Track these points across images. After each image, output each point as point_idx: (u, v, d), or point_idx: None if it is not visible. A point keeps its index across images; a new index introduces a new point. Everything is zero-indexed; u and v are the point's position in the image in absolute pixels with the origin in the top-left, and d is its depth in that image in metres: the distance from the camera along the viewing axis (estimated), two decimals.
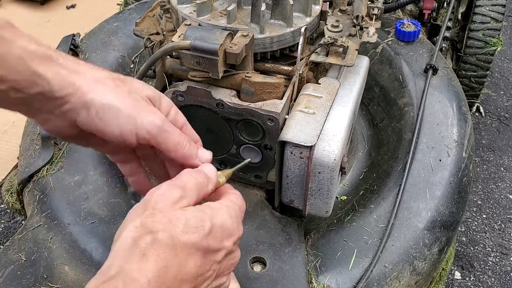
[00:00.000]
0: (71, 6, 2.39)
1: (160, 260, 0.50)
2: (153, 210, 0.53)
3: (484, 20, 1.60)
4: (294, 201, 0.83)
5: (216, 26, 0.81)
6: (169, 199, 0.55)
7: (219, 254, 0.56)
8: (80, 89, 0.55)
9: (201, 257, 0.54)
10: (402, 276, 0.87)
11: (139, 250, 0.50)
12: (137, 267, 0.49)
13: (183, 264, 0.52)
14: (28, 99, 0.54)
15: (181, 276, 0.52)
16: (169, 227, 0.52)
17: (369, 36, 0.88)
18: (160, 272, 0.50)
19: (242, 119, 0.80)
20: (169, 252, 0.51)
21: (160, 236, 0.51)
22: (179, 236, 0.52)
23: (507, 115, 2.03)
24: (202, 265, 0.54)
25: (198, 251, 0.53)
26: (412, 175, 0.96)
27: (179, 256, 0.51)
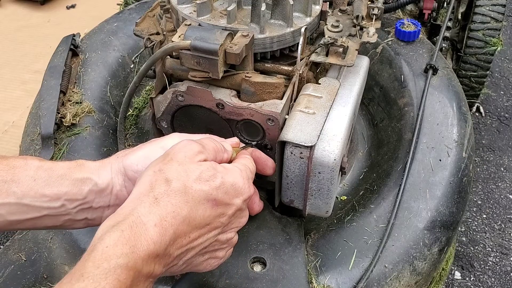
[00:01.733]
0: (71, 6, 2.39)
1: (170, 205, 0.54)
2: (171, 160, 0.58)
3: (484, 20, 1.60)
4: (294, 201, 0.83)
5: (216, 26, 0.81)
6: (188, 151, 0.60)
7: (229, 209, 0.60)
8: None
9: (210, 208, 0.58)
10: (402, 276, 0.87)
11: (153, 194, 0.54)
12: (147, 211, 0.53)
13: (192, 211, 0.56)
14: (83, 203, 0.63)
15: (189, 222, 0.55)
16: (184, 176, 0.56)
17: (369, 36, 0.88)
18: (168, 217, 0.54)
19: (242, 119, 0.80)
20: (180, 198, 0.55)
21: (174, 183, 0.55)
22: (191, 185, 0.56)
23: (507, 115, 2.03)
24: (211, 215, 0.58)
25: (208, 201, 0.57)
26: (412, 175, 0.96)
27: (189, 203, 0.55)
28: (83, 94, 1.10)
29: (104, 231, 0.51)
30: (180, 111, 0.85)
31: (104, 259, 0.48)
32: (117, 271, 0.48)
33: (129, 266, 0.49)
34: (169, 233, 0.53)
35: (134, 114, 1.18)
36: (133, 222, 0.52)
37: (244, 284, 0.79)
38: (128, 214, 0.53)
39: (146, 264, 0.51)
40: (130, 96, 0.86)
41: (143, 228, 0.52)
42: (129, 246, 0.50)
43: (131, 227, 0.51)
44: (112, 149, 1.05)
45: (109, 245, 0.49)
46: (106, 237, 0.50)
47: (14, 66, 1.99)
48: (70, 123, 1.04)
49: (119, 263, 0.48)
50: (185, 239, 0.56)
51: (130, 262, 0.49)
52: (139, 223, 0.52)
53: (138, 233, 0.51)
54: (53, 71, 1.10)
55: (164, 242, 0.52)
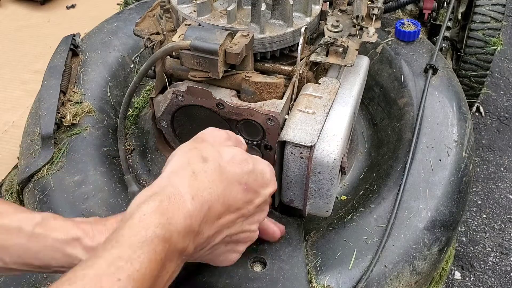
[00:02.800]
0: (71, 6, 2.39)
1: (207, 181, 0.54)
2: (204, 141, 0.60)
3: (484, 20, 1.60)
4: (294, 201, 0.83)
5: (216, 26, 0.81)
6: (217, 136, 0.61)
7: (257, 197, 0.61)
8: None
9: (242, 192, 0.58)
10: (402, 276, 0.87)
11: (191, 168, 0.54)
12: (185, 183, 0.53)
13: (226, 191, 0.56)
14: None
15: (223, 202, 0.56)
16: (218, 156, 0.57)
17: (369, 36, 0.88)
18: (205, 193, 0.53)
19: (242, 119, 0.80)
20: (216, 177, 0.55)
21: (210, 161, 0.56)
22: (225, 166, 0.57)
23: (507, 115, 2.03)
24: (242, 199, 0.58)
25: (240, 184, 0.58)
26: (412, 175, 0.96)
27: (223, 183, 0.56)
28: (83, 94, 1.10)
29: (141, 200, 0.51)
30: (180, 111, 0.85)
31: (142, 227, 0.48)
32: (154, 241, 0.47)
33: (165, 237, 0.48)
34: (205, 209, 0.53)
35: (134, 114, 1.18)
36: (171, 193, 0.51)
37: (244, 284, 0.79)
38: (165, 185, 0.53)
39: (182, 238, 0.50)
40: (130, 96, 0.86)
41: (181, 200, 0.51)
42: (166, 217, 0.49)
43: (169, 198, 0.51)
44: (112, 149, 1.05)
45: (146, 213, 0.49)
46: (144, 206, 0.50)
47: (14, 66, 1.99)
48: (70, 123, 1.04)
49: (156, 233, 0.48)
50: (217, 221, 0.56)
51: (167, 233, 0.48)
52: (177, 194, 0.51)
53: (176, 204, 0.50)
54: (53, 71, 1.10)
55: (199, 217, 0.52)
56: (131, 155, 1.09)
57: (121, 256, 0.45)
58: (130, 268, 0.45)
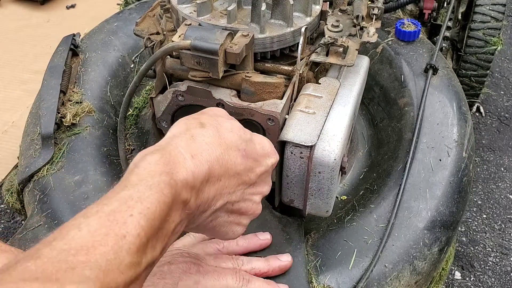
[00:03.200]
0: (71, 6, 2.39)
1: (205, 144, 0.56)
2: (202, 113, 0.62)
3: (485, 20, 1.60)
4: (294, 201, 0.83)
5: (216, 26, 0.81)
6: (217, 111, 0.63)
7: (257, 166, 0.63)
8: None
9: (241, 157, 0.60)
10: (402, 276, 0.87)
11: (190, 133, 0.57)
12: (185, 143, 0.55)
13: (225, 153, 0.58)
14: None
15: (222, 164, 0.57)
16: (216, 124, 0.59)
17: (369, 36, 0.88)
18: (204, 153, 0.55)
19: (242, 119, 0.80)
20: (214, 140, 0.57)
21: (208, 127, 0.58)
22: (224, 132, 0.59)
23: (507, 115, 2.03)
24: (241, 164, 0.60)
25: (238, 150, 0.59)
26: (412, 175, 0.96)
27: (222, 146, 0.58)
28: (83, 94, 1.10)
29: (143, 154, 0.53)
30: (180, 111, 0.85)
31: (148, 173, 0.50)
32: (160, 185, 0.49)
33: (171, 183, 0.50)
34: (205, 168, 0.55)
35: (134, 114, 1.18)
36: (172, 150, 0.54)
37: None
38: (166, 144, 0.55)
39: (185, 190, 0.52)
40: (130, 96, 0.86)
41: (182, 157, 0.53)
42: (169, 167, 0.51)
43: (170, 153, 0.53)
44: (112, 149, 1.05)
45: (151, 162, 0.51)
46: (146, 158, 0.52)
47: (14, 66, 1.99)
48: (70, 123, 1.04)
49: (162, 179, 0.50)
50: (217, 182, 0.57)
51: (172, 180, 0.50)
52: (178, 152, 0.54)
53: (176, 160, 0.53)
54: (53, 71, 1.10)
55: (200, 175, 0.54)
56: (131, 155, 1.09)
57: (132, 196, 0.48)
58: (141, 206, 0.47)
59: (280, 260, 0.80)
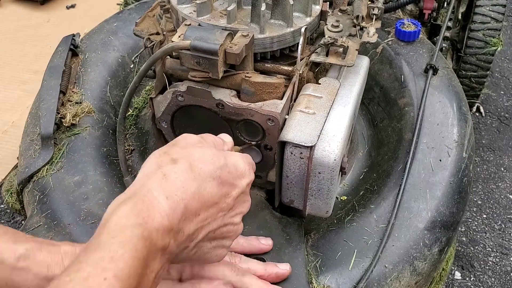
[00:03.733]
0: (71, 6, 2.39)
1: (178, 181, 0.55)
2: (174, 145, 0.61)
3: (485, 20, 1.60)
4: (294, 201, 0.83)
5: (216, 26, 0.81)
6: (190, 140, 0.62)
7: (233, 189, 0.62)
8: None
9: (217, 186, 0.59)
10: (403, 276, 0.87)
11: (161, 171, 0.56)
12: (157, 185, 0.54)
13: (200, 187, 0.57)
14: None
15: (198, 198, 0.56)
16: (188, 156, 0.58)
17: (369, 36, 0.88)
18: (178, 192, 0.55)
19: (242, 119, 0.80)
20: (188, 175, 0.56)
21: (180, 162, 0.57)
22: (196, 164, 0.58)
23: (507, 115, 2.03)
24: (217, 194, 0.59)
25: (213, 179, 0.59)
26: (412, 175, 0.96)
27: (196, 180, 0.57)
28: (83, 94, 1.10)
29: (114, 206, 0.52)
30: (180, 111, 0.85)
31: (119, 229, 0.49)
32: (133, 240, 0.48)
33: (144, 236, 0.49)
34: (181, 207, 0.54)
35: (134, 114, 1.18)
36: (144, 195, 0.52)
37: None
38: (138, 189, 0.54)
39: (161, 237, 0.51)
40: (130, 96, 0.86)
41: (155, 201, 0.52)
42: (142, 217, 0.50)
43: (143, 200, 0.52)
44: (111, 149, 1.05)
45: (122, 216, 0.50)
46: (118, 210, 0.51)
47: (14, 66, 1.99)
48: (70, 123, 1.04)
49: (134, 233, 0.49)
50: (196, 217, 0.56)
51: (145, 232, 0.49)
52: (151, 196, 0.53)
53: (150, 205, 0.52)
54: (53, 71, 1.10)
55: (176, 215, 0.53)
56: (131, 155, 1.09)
57: (104, 257, 0.46)
58: (114, 267, 0.46)
59: (278, 267, 0.79)
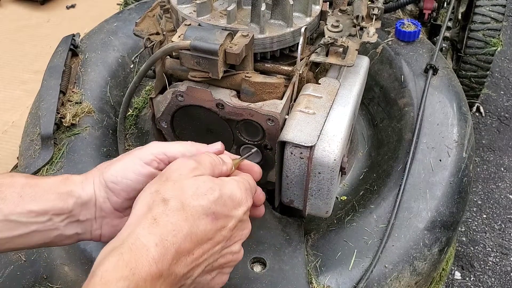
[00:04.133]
0: (71, 6, 2.39)
1: (169, 224, 0.54)
2: (167, 180, 0.58)
3: (484, 20, 1.60)
4: (294, 201, 0.83)
5: (216, 26, 0.81)
6: (183, 169, 0.60)
7: (229, 221, 0.60)
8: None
9: (211, 222, 0.57)
10: (402, 276, 0.87)
11: (152, 215, 0.54)
12: (146, 232, 0.53)
13: (193, 227, 0.55)
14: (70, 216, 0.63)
15: (191, 239, 0.55)
16: (180, 194, 0.56)
17: (369, 36, 0.88)
18: (169, 236, 0.53)
19: (242, 119, 0.80)
20: (179, 217, 0.55)
21: (171, 202, 0.55)
22: (189, 201, 0.56)
23: (507, 115, 2.03)
24: (212, 230, 0.58)
25: (207, 216, 0.57)
26: (412, 175, 0.96)
27: (189, 221, 0.55)
28: (83, 94, 1.10)
29: (102, 256, 0.51)
30: (180, 111, 0.85)
31: (104, 284, 0.48)
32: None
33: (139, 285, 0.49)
34: (171, 252, 0.52)
35: (134, 114, 1.18)
36: (132, 244, 0.51)
37: (244, 284, 0.79)
38: (126, 237, 0.53)
39: (150, 285, 0.50)
40: (130, 96, 0.86)
41: (144, 249, 0.51)
42: (129, 268, 0.49)
43: (131, 249, 0.51)
44: (111, 149, 1.05)
45: (108, 269, 0.49)
46: (105, 261, 0.50)
47: (14, 66, 1.99)
48: (69, 123, 1.04)
49: (123, 285, 0.48)
50: (189, 257, 0.55)
51: (131, 284, 0.49)
52: (139, 244, 0.51)
53: (138, 254, 0.51)
54: (52, 71, 1.10)
55: (166, 261, 0.52)
56: None
57: None
58: None
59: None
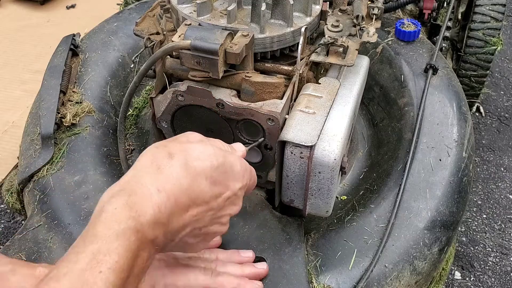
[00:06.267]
0: (71, 6, 2.39)
1: (172, 176, 0.56)
2: (174, 140, 0.61)
3: (484, 20, 1.60)
4: (294, 201, 0.83)
5: (216, 26, 0.81)
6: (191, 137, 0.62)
7: (226, 191, 0.62)
8: None
9: (209, 185, 0.59)
10: (402, 276, 0.87)
11: (156, 164, 0.57)
12: (151, 178, 0.55)
13: (192, 185, 0.57)
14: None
15: (189, 195, 0.57)
16: (185, 153, 0.59)
17: (369, 36, 0.88)
18: (171, 185, 0.55)
19: (242, 119, 0.80)
20: (181, 172, 0.57)
21: (176, 157, 0.58)
22: (192, 161, 0.58)
23: (507, 115, 2.03)
24: (209, 193, 0.60)
25: (206, 179, 0.59)
26: (412, 175, 0.96)
27: (189, 178, 0.57)
28: (83, 94, 1.10)
29: (110, 195, 0.53)
30: (180, 111, 0.85)
31: (115, 221, 0.51)
32: (127, 233, 0.50)
33: (137, 228, 0.51)
34: (171, 202, 0.55)
35: (134, 114, 1.18)
36: (139, 188, 0.54)
37: None
38: (131, 180, 0.55)
39: (152, 229, 0.53)
40: (130, 96, 0.86)
41: (148, 194, 0.54)
42: (135, 210, 0.52)
43: (136, 193, 0.53)
44: (112, 148, 1.05)
45: (117, 207, 0.52)
46: (114, 200, 0.52)
47: (14, 66, 1.99)
48: (70, 123, 1.04)
49: (128, 225, 0.51)
50: (184, 214, 0.57)
51: (138, 225, 0.51)
52: (144, 189, 0.54)
53: (143, 198, 0.53)
54: (53, 71, 1.10)
55: (167, 209, 0.54)
56: (131, 155, 1.09)
57: (100, 250, 0.49)
58: (109, 260, 0.48)
59: (255, 267, 0.79)
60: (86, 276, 0.46)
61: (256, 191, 0.94)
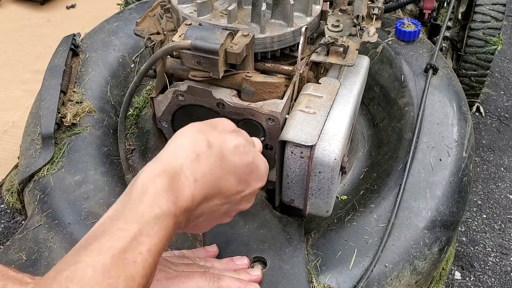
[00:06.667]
0: (71, 6, 2.39)
1: (208, 166, 0.58)
2: (212, 126, 0.62)
3: (485, 19, 1.60)
4: (294, 200, 0.83)
5: (217, 26, 0.81)
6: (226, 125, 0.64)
7: (246, 189, 0.64)
8: None
9: (236, 182, 0.61)
10: (403, 275, 0.87)
11: (196, 151, 0.57)
12: (190, 165, 0.56)
13: (223, 178, 0.59)
14: None
15: (217, 187, 0.59)
16: (222, 144, 0.60)
17: (370, 36, 0.88)
18: (205, 176, 0.57)
19: (242, 119, 0.80)
20: (217, 163, 0.58)
21: (214, 147, 0.59)
22: (228, 155, 0.60)
23: (507, 115, 2.03)
24: (234, 189, 0.62)
25: (236, 174, 0.61)
26: (412, 174, 0.96)
27: (222, 169, 0.59)
28: (84, 94, 1.10)
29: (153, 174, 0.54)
30: (180, 111, 0.85)
31: (157, 203, 0.52)
32: (167, 217, 0.52)
33: (175, 214, 0.53)
34: (202, 193, 0.57)
35: (134, 113, 1.18)
36: (179, 173, 0.55)
37: None
38: (173, 163, 0.56)
39: (182, 215, 0.54)
40: (130, 95, 0.86)
41: (187, 181, 0.55)
42: (175, 195, 0.53)
43: (178, 178, 0.55)
44: (112, 148, 1.05)
45: (160, 189, 0.53)
46: (157, 181, 0.53)
47: (14, 66, 1.99)
48: (70, 123, 1.04)
49: (169, 210, 0.52)
50: (207, 203, 0.59)
51: (176, 210, 0.53)
52: (183, 176, 0.55)
53: (183, 186, 0.55)
54: (53, 70, 1.10)
55: (198, 199, 0.56)
56: (132, 155, 1.09)
57: (142, 231, 0.50)
58: (149, 242, 0.50)
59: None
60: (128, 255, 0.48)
61: None
